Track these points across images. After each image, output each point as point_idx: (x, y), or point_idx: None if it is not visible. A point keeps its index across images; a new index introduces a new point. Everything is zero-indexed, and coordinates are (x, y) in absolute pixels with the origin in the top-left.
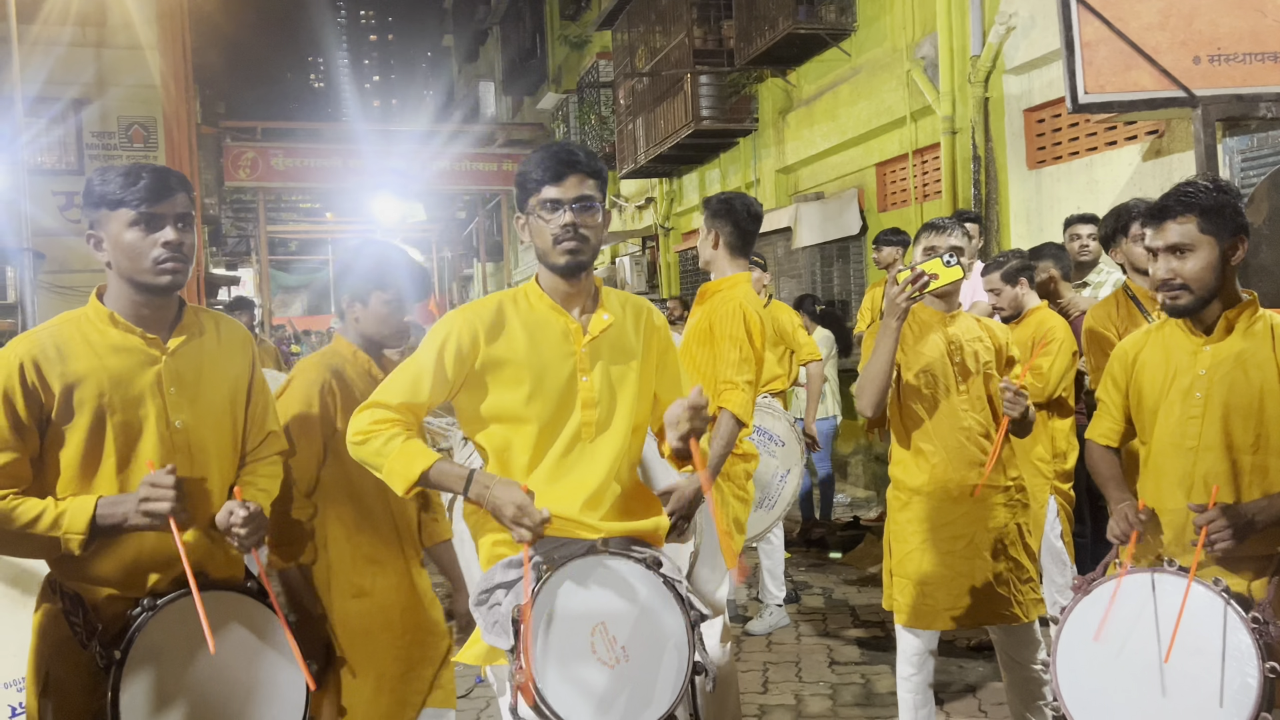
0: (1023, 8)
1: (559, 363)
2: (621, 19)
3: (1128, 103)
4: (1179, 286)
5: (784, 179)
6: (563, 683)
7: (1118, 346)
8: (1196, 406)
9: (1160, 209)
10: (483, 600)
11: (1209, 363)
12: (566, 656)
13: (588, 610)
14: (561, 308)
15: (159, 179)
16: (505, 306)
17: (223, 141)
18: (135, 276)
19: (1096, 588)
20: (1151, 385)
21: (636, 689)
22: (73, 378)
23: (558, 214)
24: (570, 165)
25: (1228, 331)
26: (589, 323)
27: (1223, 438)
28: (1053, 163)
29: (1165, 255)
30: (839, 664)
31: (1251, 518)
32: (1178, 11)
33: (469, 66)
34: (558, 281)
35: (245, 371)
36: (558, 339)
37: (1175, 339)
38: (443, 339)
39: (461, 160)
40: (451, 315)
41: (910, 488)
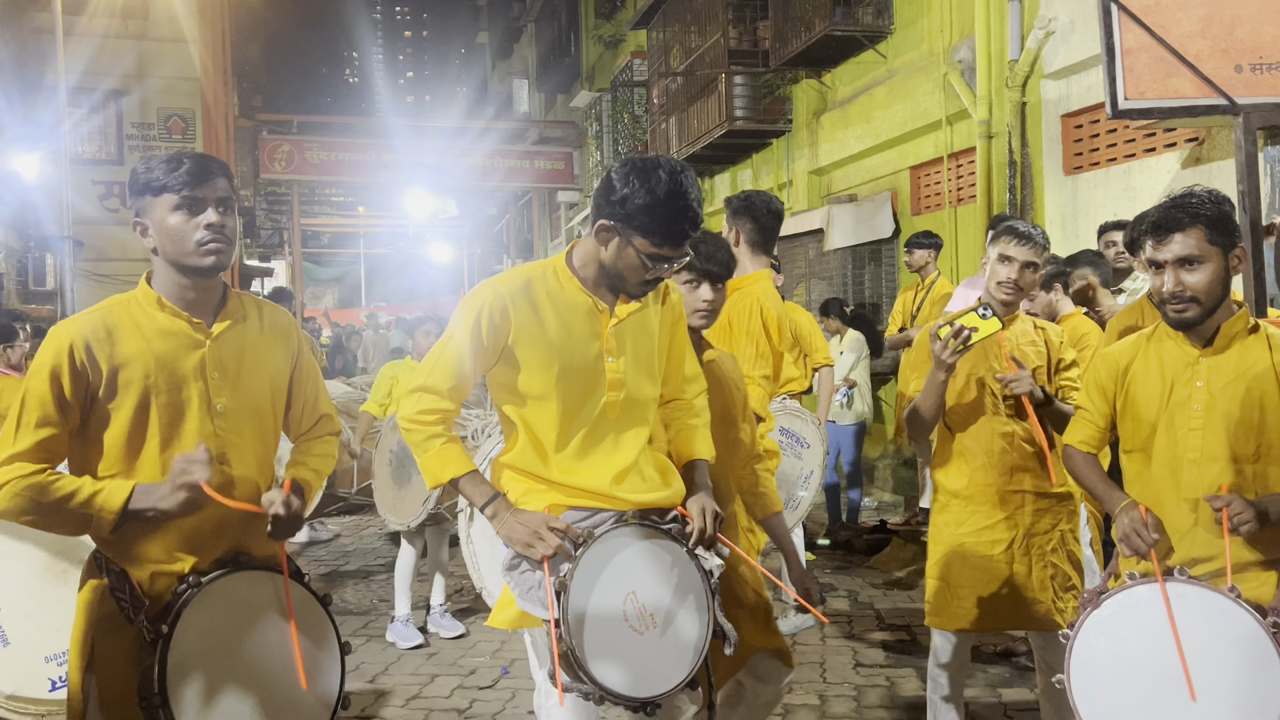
0: (1062, 12)
1: (585, 343)
2: (656, 18)
3: (1168, 110)
4: (1188, 299)
5: (817, 180)
6: (599, 650)
7: (1105, 354)
8: (1197, 419)
9: (1166, 221)
10: (514, 565)
11: (1206, 375)
12: (601, 625)
13: (619, 580)
14: (589, 290)
15: (200, 164)
16: (534, 282)
17: (259, 134)
18: (180, 259)
19: (1106, 600)
20: (1147, 397)
21: (665, 654)
22: (120, 359)
23: (659, 266)
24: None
25: (1227, 343)
26: (615, 306)
27: (1225, 450)
28: (1090, 169)
29: (1173, 268)
30: (864, 666)
31: (1265, 509)
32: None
33: (503, 63)
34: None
35: (288, 358)
36: (584, 320)
37: (1169, 350)
38: (476, 312)
39: (494, 156)
40: (481, 288)
41: (950, 490)
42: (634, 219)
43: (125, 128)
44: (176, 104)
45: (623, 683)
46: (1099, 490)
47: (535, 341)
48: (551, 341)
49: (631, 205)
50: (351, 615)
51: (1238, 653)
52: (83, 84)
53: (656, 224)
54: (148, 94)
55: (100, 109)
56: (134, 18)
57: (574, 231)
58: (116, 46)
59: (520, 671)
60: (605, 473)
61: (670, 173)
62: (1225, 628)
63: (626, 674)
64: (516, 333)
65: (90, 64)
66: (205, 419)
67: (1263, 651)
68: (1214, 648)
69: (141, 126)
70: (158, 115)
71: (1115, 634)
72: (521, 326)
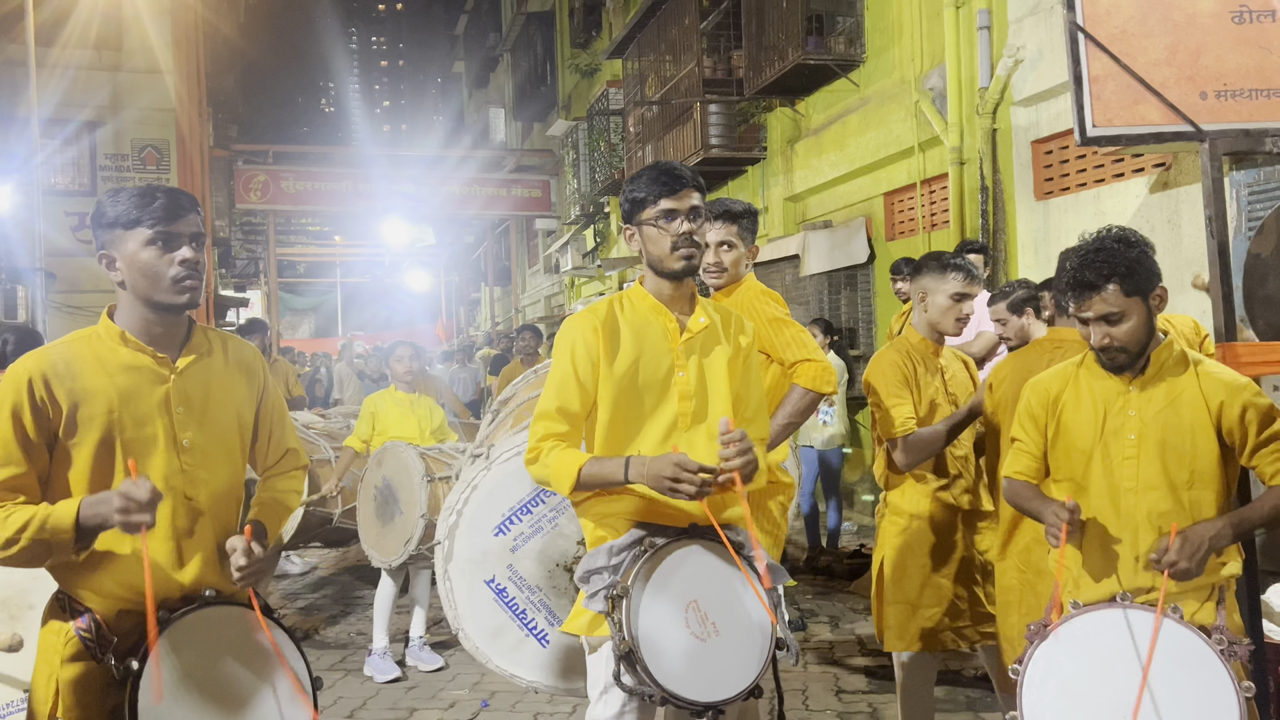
0: (1030, 41)
1: (659, 358)
2: (632, 48)
3: (1135, 136)
4: (1118, 349)
5: (792, 207)
6: (660, 652)
7: (1035, 383)
8: (1131, 448)
9: (1082, 283)
10: (585, 579)
11: (1138, 404)
12: (663, 629)
13: (682, 589)
14: (664, 307)
15: (174, 199)
16: (614, 308)
17: (234, 164)
18: (153, 295)
19: (1054, 631)
20: (1080, 427)
21: (725, 661)
22: (81, 394)
23: (675, 222)
24: (683, 180)
25: (1156, 373)
26: (687, 323)
27: (1160, 477)
28: (1060, 194)
29: (1097, 324)
30: (845, 692)
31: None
32: (1185, 48)
33: (479, 92)
34: (664, 285)
35: (254, 392)
36: (659, 336)
37: (1099, 379)
38: (570, 345)
39: (471, 185)
40: (571, 322)
41: (903, 510)
42: (637, 204)
43: (99, 159)
44: (151, 135)
45: (685, 686)
46: (1035, 505)
47: (616, 361)
48: (630, 358)
49: (633, 196)
50: (328, 649)
51: (1187, 673)
52: (57, 115)
53: (648, 188)
54: (122, 125)
55: (74, 141)
56: (108, 49)
57: (552, 259)
58: (90, 78)
59: (500, 704)
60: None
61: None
62: (1173, 650)
63: (688, 678)
64: (605, 354)
65: (64, 95)
66: (171, 455)
67: (1212, 671)
68: (1164, 670)
69: (115, 158)
70: (131, 146)
71: (1063, 666)
72: (606, 350)
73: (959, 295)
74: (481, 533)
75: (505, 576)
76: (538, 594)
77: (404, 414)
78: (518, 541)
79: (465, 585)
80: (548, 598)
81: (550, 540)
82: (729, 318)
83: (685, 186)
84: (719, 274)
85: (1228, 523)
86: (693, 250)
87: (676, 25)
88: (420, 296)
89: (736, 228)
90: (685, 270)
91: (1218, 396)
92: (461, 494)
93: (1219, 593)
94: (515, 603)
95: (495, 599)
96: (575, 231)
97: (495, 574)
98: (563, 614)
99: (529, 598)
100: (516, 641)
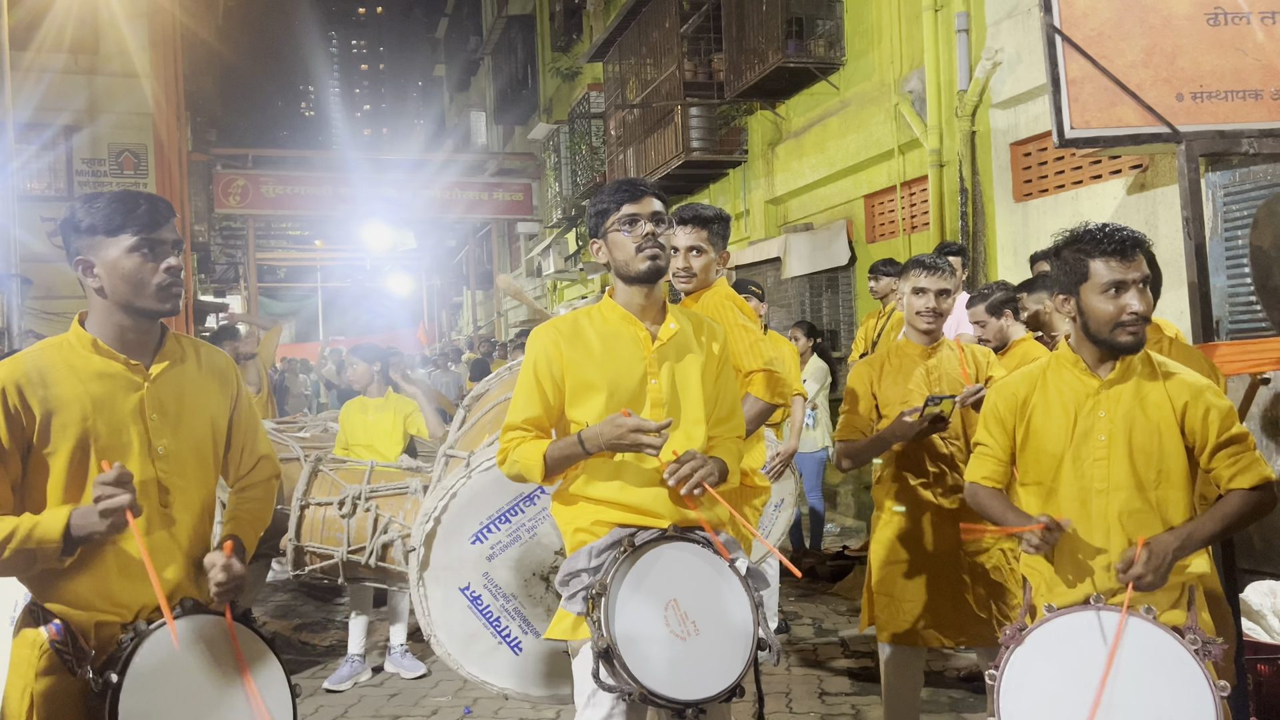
0: (1008, 43)
1: (631, 367)
2: (612, 51)
3: (1113, 138)
4: (1147, 320)
5: (773, 210)
6: (639, 649)
7: (1002, 386)
8: (1101, 449)
9: (1129, 241)
10: (565, 582)
11: (1108, 405)
12: (642, 627)
13: (662, 587)
14: (634, 317)
15: (155, 205)
16: (581, 320)
17: (213, 168)
18: (135, 302)
19: (1029, 635)
20: (1050, 430)
21: (706, 660)
22: (55, 403)
23: (638, 226)
24: (643, 189)
25: (1124, 372)
26: (658, 331)
27: (1129, 478)
28: (1039, 195)
29: (1137, 287)
30: (829, 694)
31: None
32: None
33: (460, 96)
34: (634, 294)
35: (228, 399)
36: (629, 345)
37: (1067, 381)
38: (533, 358)
39: (452, 189)
40: (535, 334)
41: (890, 508)
42: (601, 215)
43: (75, 163)
44: (128, 139)
45: (664, 684)
46: (1008, 518)
47: (585, 372)
48: (599, 369)
49: (596, 209)
50: (309, 656)
51: (1163, 674)
52: (33, 120)
53: (609, 199)
54: (99, 130)
55: (50, 146)
56: (84, 53)
57: (534, 262)
58: (66, 82)
59: (483, 710)
60: (650, 490)
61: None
62: (1149, 651)
63: (668, 676)
64: (568, 366)
65: (40, 100)
66: (147, 462)
67: (1187, 671)
68: (1140, 671)
69: (92, 162)
70: (109, 151)
71: (1040, 670)
72: (572, 360)
73: (916, 290)
74: (458, 540)
75: (480, 584)
76: (512, 602)
77: (368, 423)
78: (494, 550)
79: (440, 592)
80: (522, 606)
81: (528, 549)
82: (700, 323)
83: (646, 194)
84: (688, 279)
85: (1190, 532)
86: (657, 251)
87: (657, 29)
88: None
89: (707, 233)
90: (651, 271)
91: (1182, 397)
92: (440, 501)
93: (1189, 593)
94: (489, 610)
95: (469, 606)
96: (557, 235)
97: (470, 581)
98: (537, 622)
99: (504, 605)
100: (489, 649)
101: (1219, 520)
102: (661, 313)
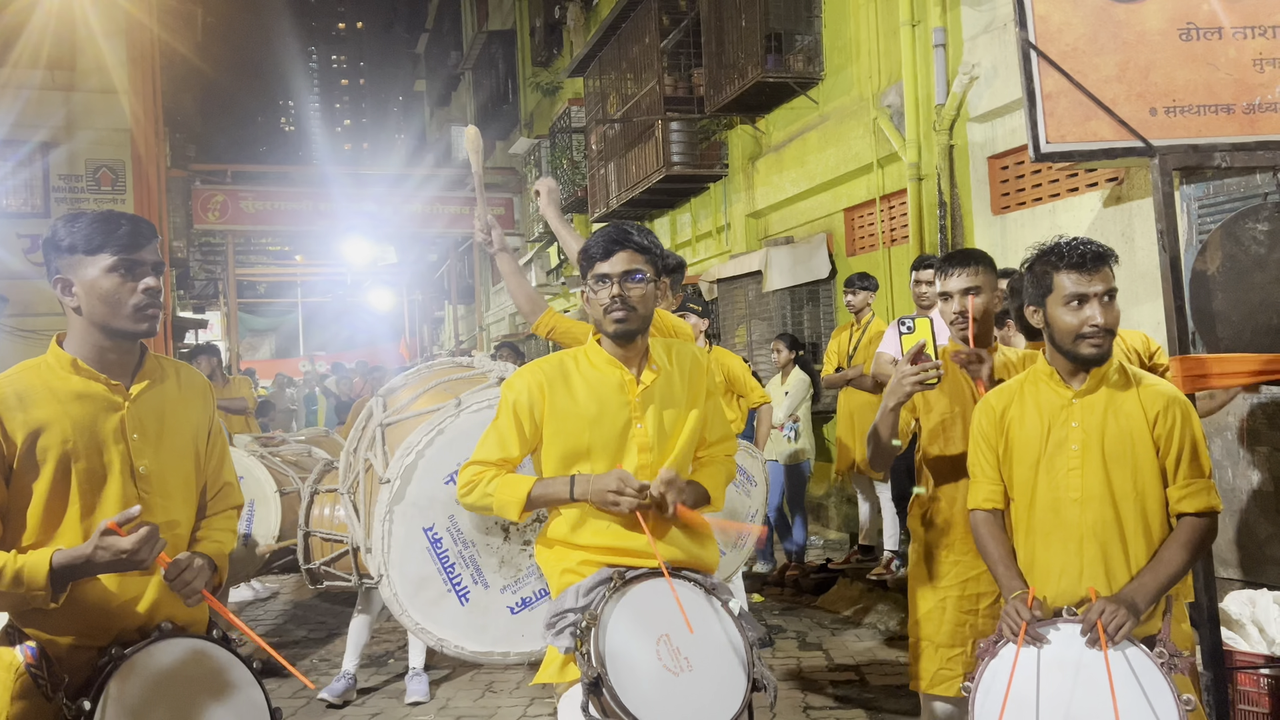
0: (985, 58)
1: (616, 411)
2: (593, 66)
3: (1088, 152)
4: (1108, 332)
5: (754, 223)
6: (629, 681)
7: (983, 403)
8: (1075, 459)
9: (1095, 254)
10: (553, 624)
11: (1081, 415)
12: (633, 659)
13: (653, 621)
14: (619, 362)
15: (136, 226)
16: (566, 362)
17: (192, 184)
18: (111, 322)
19: (1002, 648)
20: (1025, 441)
21: (700, 697)
22: (35, 425)
23: (606, 287)
24: (619, 243)
25: (1096, 382)
26: (642, 375)
27: (1104, 488)
28: (1017, 208)
29: (1099, 300)
30: (813, 709)
31: (1133, 601)
32: (1134, 65)
33: (441, 111)
34: (613, 343)
35: (206, 419)
36: (614, 390)
37: (1043, 393)
38: (514, 398)
39: (433, 203)
40: (518, 374)
41: (929, 539)
42: (582, 266)
43: (52, 180)
44: (106, 155)
45: (653, 714)
46: (998, 572)
47: (568, 417)
48: (584, 413)
49: (581, 256)
50: (290, 677)
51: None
52: (9, 137)
53: (588, 252)
54: (76, 146)
55: (27, 162)
56: (61, 69)
57: None
58: (43, 99)
59: None
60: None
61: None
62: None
63: (659, 710)
64: (550, 410)
65: (16, 117)
66: (128, 483)
67: (1153, 684)
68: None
69: (69, 179)
70: (86, 167)
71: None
72: (555, 404)
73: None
74: (434, 478)
75: (444, 526)
76: (470, 549)
77: None
78: None
79: (403, 529)
80: (479, 554)
81: None
82: (684, 359)
83: (621, 249)
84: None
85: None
86: (624, 314)
87: (637, 44)
88: (383, 316)
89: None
90: (620, 334)
91: (1154, 406)
92: (426, 435)
93: (1166, 602)
94: (447, 555)
95: (429, 548)
96: (539, 249)
97: (435, 522)
98: (489, 573)
99: (460, 552)
100: (438, 595)
101: (1182, 551)
102: (645, 356)
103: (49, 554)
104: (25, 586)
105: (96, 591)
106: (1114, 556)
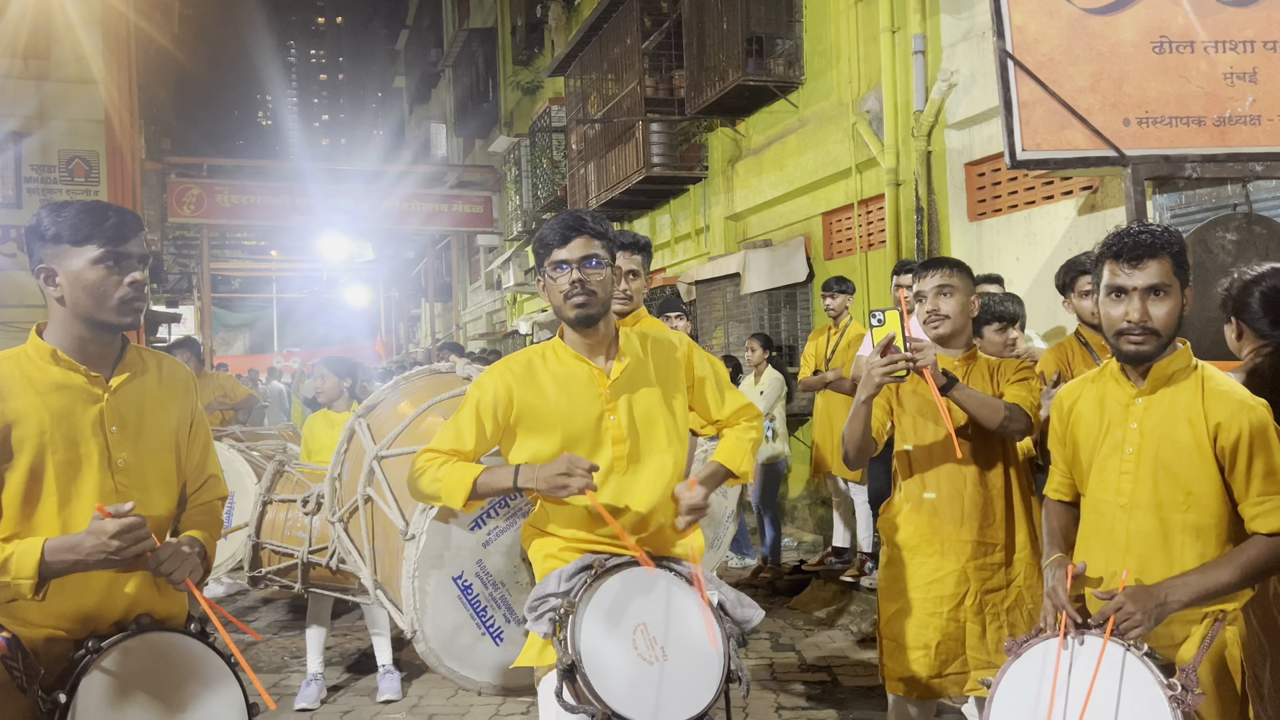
0: (964, 66)
1: (587, 406)
2: (574, 66)
3: (1062, 160)
4: (1150, 330)
5: (733, 226)
6: (603, 669)
7: (1057, 396)
8: (1129, 462)
9: (1139, 246)
10: (535, 608)
11: (1140, 416)
12: (609, 647)
13: (630, 610)
14: (585, 357)
15: (124, 219)
16: (534, 361)
17: (167, 177)
18: (95, 314)
19: (1028, 649)
20: (1086, 438)
21: (674, 687)
22: (13, 415)
23: (565, 273)
24: (575, 229)
25: (1161, 383)
26: (611, 367)
27: (1152, 495)
28: (993, 215)
29: (1141, 296)
30: (785, 709)
31: (1165, 599)
32: (1108, 76)
33: (420, 107)
34: (578, 335)
35: (187, 412)
36: (584, 385)
37: (1110, 391)
38: (479, 396)
39: (411, 200)
40: (486, 373)
41: (897, 541)
42: (539, 255)
43: (24, 170)
44: (79, 146)
45: (629, 706)
46: (1047, 540)
47: (539, 414)
48: (554, 410)
49: (536, 247)
50: (260, 673)
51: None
52: None
53: (544, 240)
54: (49, 136)
55: None
56: (35, 58)
57: (494, 275)
58: (17, 87)
59: None
60: (621, 523)
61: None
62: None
63: (633, 699)
64: (520, 410)
65: None
66: (105, 475)
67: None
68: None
69: (41, 169)
70: (59, 157)
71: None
72: (525, 403)
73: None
74: (459, 527)
75: (473, 572)
76: (500, 590)
77: (333, 436)
78: (491, 535)
79: (434, 583)
80: (509, 594)
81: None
82: (660, 346)
83: (577, 236)
84: (625, 301)
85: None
86: (584, 298)
87: (619, 44)
88: (359, 312)
89: (641, 257)
90: (581, 318)
91: (1218, 415)
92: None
93: (1212, 628)
94: (478, 600)
95: (460, 595)
96: (517, 248)
97: (464, 569)
98: (520, 609)
99: (491, 594)
100: (472, 640)
101: (1237, 569)
102: (613, 346)
103: (40, 542)
104: (12, 575)
105: (75, 583)
106: (1154, 573)
